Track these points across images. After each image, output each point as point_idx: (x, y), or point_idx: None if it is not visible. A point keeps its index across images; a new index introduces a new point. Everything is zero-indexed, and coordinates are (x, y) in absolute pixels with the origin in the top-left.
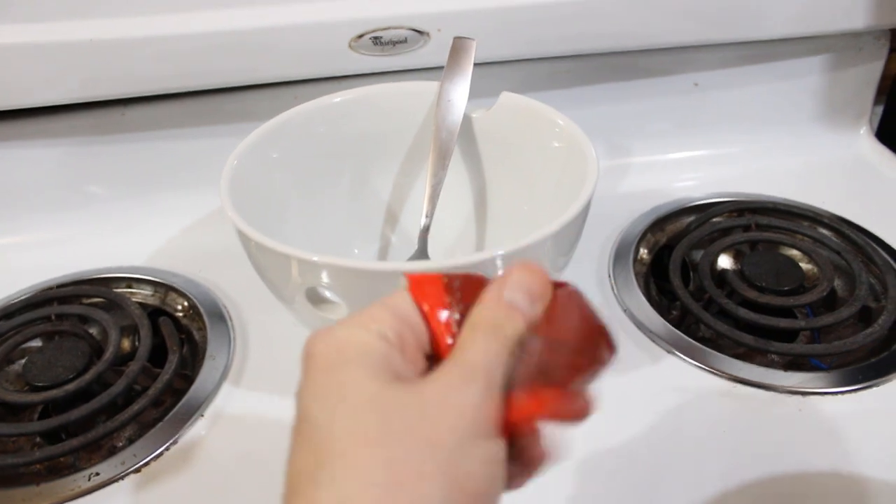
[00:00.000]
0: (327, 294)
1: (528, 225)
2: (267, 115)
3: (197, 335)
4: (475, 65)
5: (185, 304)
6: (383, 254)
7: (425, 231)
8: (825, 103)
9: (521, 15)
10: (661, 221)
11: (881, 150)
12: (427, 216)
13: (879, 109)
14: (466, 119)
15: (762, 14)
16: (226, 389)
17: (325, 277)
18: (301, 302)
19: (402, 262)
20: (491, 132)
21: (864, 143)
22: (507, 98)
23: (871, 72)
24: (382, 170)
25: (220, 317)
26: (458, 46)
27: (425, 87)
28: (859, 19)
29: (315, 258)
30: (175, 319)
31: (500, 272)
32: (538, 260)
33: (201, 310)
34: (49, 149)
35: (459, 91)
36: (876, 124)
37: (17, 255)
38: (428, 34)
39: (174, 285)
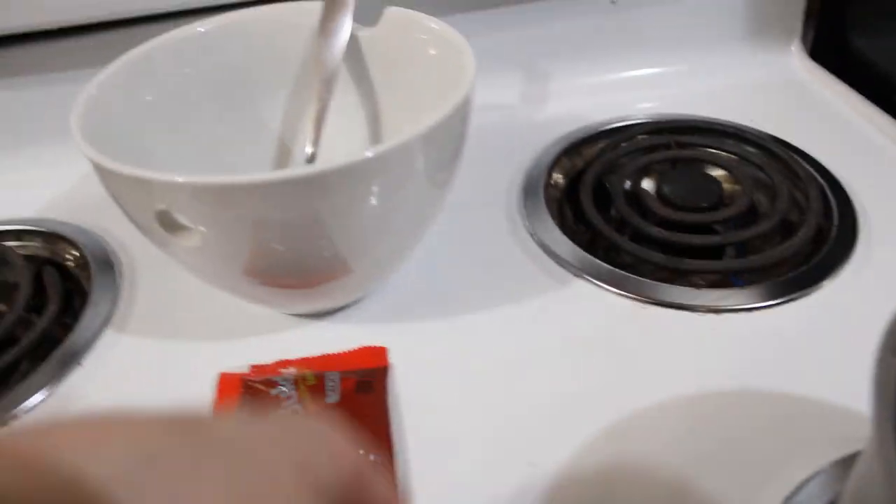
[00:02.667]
0: (181, 219)
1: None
2: None
3: (85, 284)
4: None
5: (76, 253)
6: None
7: (312, 160)
8: (753, 20)
9: None
10: (578, 145)
11: (813, 68)
12: (313, 144)
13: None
14: (353, 39)
15: None
16: (108, 336)
17: (163, 196)
18: (156, 229)
19: (246, 175)
20: (377, 50)
21: (796, 60)
22: (391, 13)
23: None
24: (268, 98)
25: (107, 264)
26: None
27: (306, 7)
28: None
29: (155, 176)
30: (65, 269)
31: (374, 179)
32: (413, 169)
33: (89, 258)
34: None
35: (342, 10)
36: (810, 41)
37: None
38: None
39: (64, 234)
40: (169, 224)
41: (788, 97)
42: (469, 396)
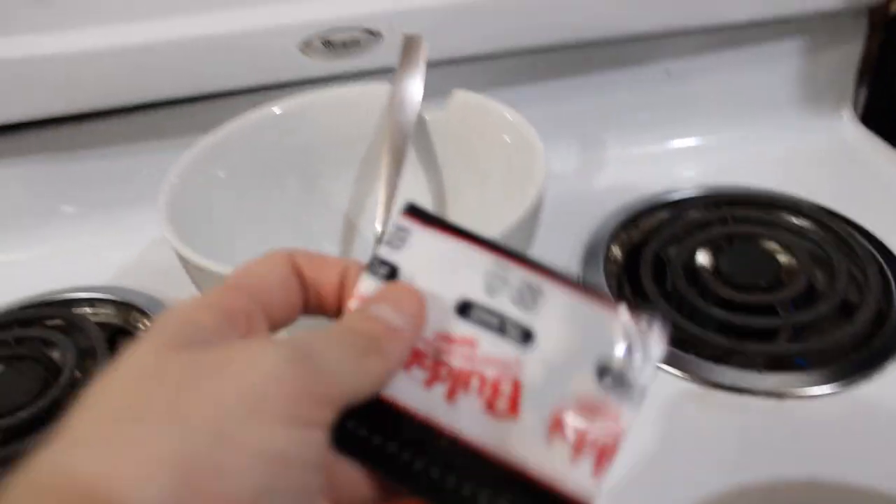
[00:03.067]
0: None
1: (483, 224)
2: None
3: None
4: (435, 64)
5: (148, 322)
6: None
7: (381, 238)
8: (804, 88)
9: (478, 9)
10: (635, 218)
11: (864, 135)
12: (383, 223)
13: (864, 92)
14: (421, 120)
15: None
16: None
17: None
18: None
19: None
20: (446, 132)
21: (847, 127)
22: (459, 95)
23: (850, 53)
24: (337, 178)
25: None
26: (408, 44)
27: (376, 90)
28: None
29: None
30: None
31: None
32: None
33: None
34: (8, 169)
35: (411, 91)
36: (861, 106)
37: None
38: (380, 34)
39: (136, 304)
40: None
41: (841, 165)
42: None
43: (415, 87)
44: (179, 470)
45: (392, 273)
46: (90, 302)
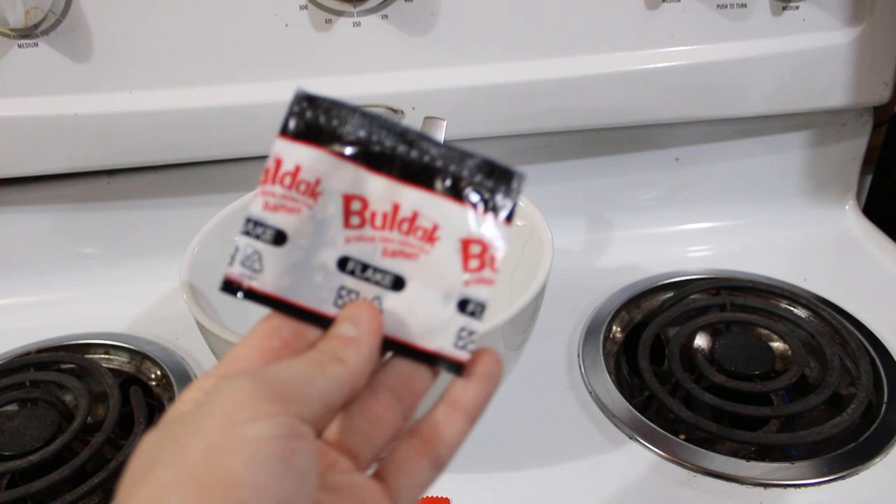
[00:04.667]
0: None
1: (495, 302)
2: (248, 186)
3: (167, 405)
4: (454, 140)
5: (158, 372)
6: None
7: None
8: (809, 179)
9: (496, 93)
10: (637, 298)
11: (867, 227)
12: None
13: (868, 184)
14: None
15: (742, 92)
16: None
17: None
18: None
19: None
20: None
21: (850, 218)
22: None
23: (855, 148)
24: None
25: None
26: (428, 127)
27: None
28: (839, 97)
29: None
30: (148, 388)
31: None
32: (493, 344)
33: (172, 380)
34: (34, 215)
35: None
36: (864, 198)
37: (2, 319)
38: (402, 112)
39: (149, 353)
40: None
41: (842, 256)
42: None
43: None
44: (189, 484)
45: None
46: (105, 348)
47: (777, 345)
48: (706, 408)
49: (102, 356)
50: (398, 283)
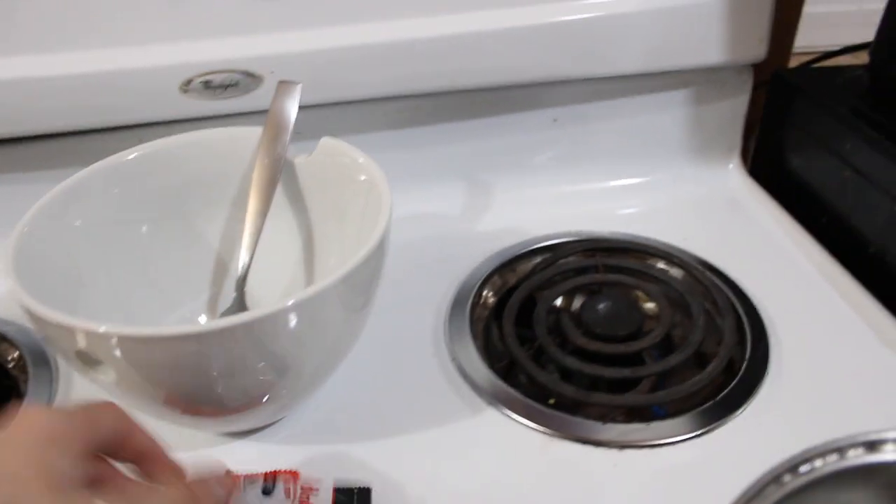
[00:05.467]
0: (99, 358)
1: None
2: (82, 162)
3: (23, 387)
4: (320, 105)
5: (16, 353)
6: (213, 304)
7: (242, 280)
8: (692, 139)
9: (359, 55)
10: (512, 262)
11: (751, 186)
12: (244, 265)
13: (753, 144)
14: (289, 164)
15: (617, 49)
16: None
17: (81, 342)
18: (75, 363)
19: (167, 327)
20: (313, 177)
21: (734, 178)
22: (327, 143)
23: (736, 106)
24: (209, 219)
25: (45, 368)
26: (283, 90)
27: (245, 132)
28: (715, 55)
29: (75, 323)
30: (4, 370)
31: (291, 323)
32: (333, 304)
33: (28, 361)
34: None
35: (281, 137)
36: (750, 159)
37: None
38: (261, 77)
39: (6, 334)
40: (87, 361)
41: (724, 215)
42: None
43: (283, 133)
44: None
45: None
46: None
47: (648, 306)
48: (571, 371)
49: None
50: None
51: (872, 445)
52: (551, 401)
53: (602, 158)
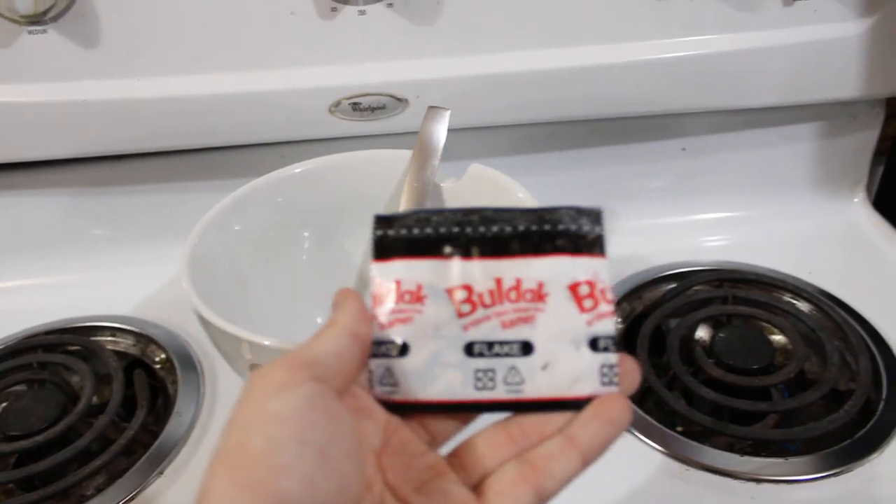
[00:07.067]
0: None
1: None
2: (254, 172)
3: (171, 388)
4: (459, 129)
5: (163, 356)
6: None
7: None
8: (818, 171)
9: (501, 82)
10: (639, 289)
11: (876, 220)
12: None
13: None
14: (436, 188)
15: (751, 82)
16: (188, 448)
17: (246, 353)
18: (246, 373)
19: None
20: (459, 202)
21: (859, 211)
22: (475, 169)
23: (866, 140)
24: (353, 237)
25: (192, 372)
26: (431, 116)
27: (396, 155)
28: (850, 89)
29: (266, 342)
30: (152, 371)
31: None
32: None
33: (176, 363)
34: (42, 199)
35: (430, 162)
36: (875, 191)
37: (12, 300)
38: (406, 101)
39: (154, 337)
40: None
41: (849, 249)
42: None
43: (433, 157)
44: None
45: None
46: (111, 331)
47: (777, 339)
48: (704, 401)
49: (108, 339)
50: (527, 348)
51: None
52: (679, 428)
53: (726, 189)
